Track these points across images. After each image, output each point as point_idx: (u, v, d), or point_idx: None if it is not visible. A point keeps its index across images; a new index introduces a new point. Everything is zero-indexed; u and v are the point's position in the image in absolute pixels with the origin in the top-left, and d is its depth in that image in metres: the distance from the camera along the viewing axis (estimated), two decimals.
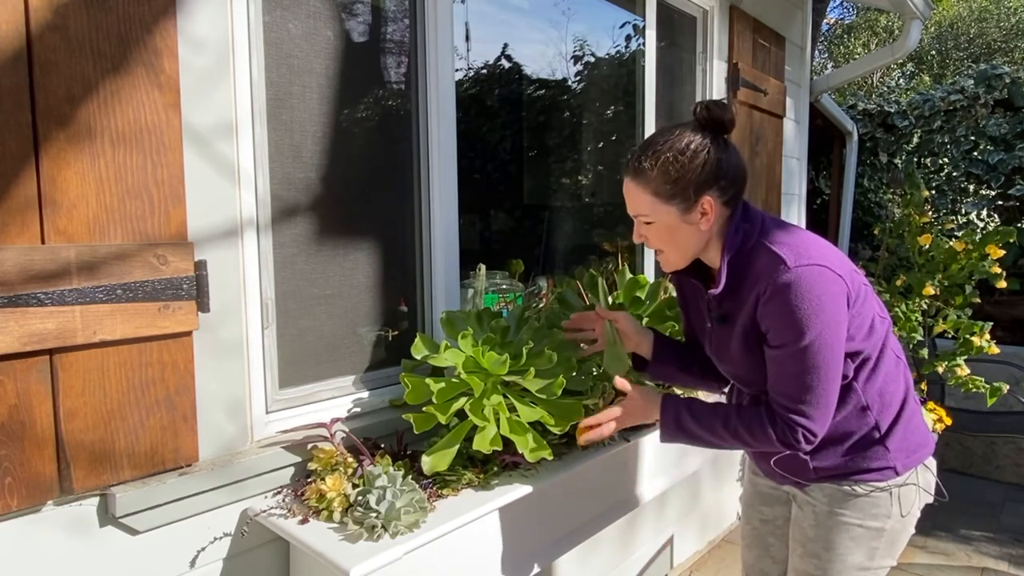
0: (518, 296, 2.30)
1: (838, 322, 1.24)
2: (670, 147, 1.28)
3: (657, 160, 1.28)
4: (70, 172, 1.18)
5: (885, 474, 1.36)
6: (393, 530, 1.33)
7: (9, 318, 1.10)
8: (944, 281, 3.33)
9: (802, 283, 1.21)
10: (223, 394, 1.44)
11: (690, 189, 1.28)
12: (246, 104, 1.50)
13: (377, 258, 1.86)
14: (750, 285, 1.28)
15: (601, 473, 1.84)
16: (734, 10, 3.15)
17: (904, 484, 1.37)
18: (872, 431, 1.35)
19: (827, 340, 1.22)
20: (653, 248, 1.40)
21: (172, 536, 1.35)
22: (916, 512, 1.41)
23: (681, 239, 1.34)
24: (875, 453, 1.35)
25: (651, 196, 1.31)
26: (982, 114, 4.75)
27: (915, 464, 1.38)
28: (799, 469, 1.41)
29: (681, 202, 1.29)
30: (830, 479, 1.39)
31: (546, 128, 3.09)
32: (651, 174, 1.29)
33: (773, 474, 1.50)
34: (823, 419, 1.27)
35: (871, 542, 1.39)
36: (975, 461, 3.94)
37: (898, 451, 1.36)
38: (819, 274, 1.22)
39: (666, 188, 1.29)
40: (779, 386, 1.29)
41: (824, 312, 1.21)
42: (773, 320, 1.25)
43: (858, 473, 1.36)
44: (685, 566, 2.90)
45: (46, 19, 1.14)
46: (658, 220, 1.32)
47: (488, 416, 1.52)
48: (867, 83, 11.14)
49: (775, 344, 1.27)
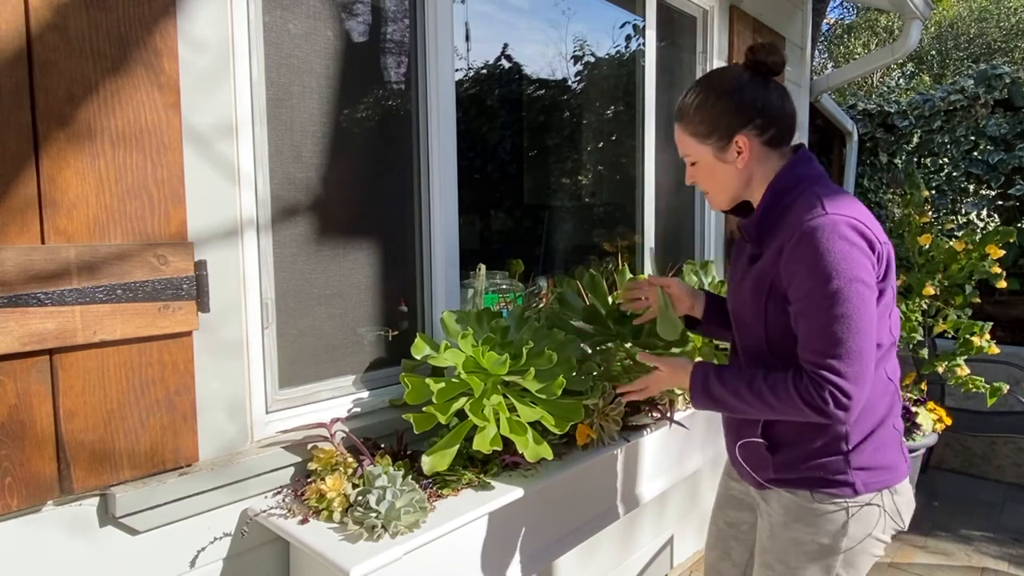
0: (518, 296, 2.30)
1: (866, 282, 1.18)
2: (705, 88, 1.34)
3: (694, 101, 1.34)
4: (70, 172, 1.18)
5: (843, 490, 1.29)
6: (393, 530, 1.33)
7: (9, 318, 1.10)
8: (944, 281, 3.33)
9: (836, 229, 1.18)
10: (223, 394, 1.44)
11: (722, 128, 1.32)
12: (246, 104, 1.50)
13: (377, 258, 1.86)
14: (786, 227, 1.26)
15: (601, 473, 1.85)
16: (734, 10, 3.15)
17: (864, 505, 1.30)
18: (839, 440, 1.29)
19: (857, 290, 1.17)
20: (701, 189, 1.43)
21: (172, 536, 1.35)
22: (882, 536, 1.33)
23: (720, 177, 1.37)
24: (835, 465, 1.29)
25: (690, 137, 1.36)
26: (982, 114, 4.75)
27: (877, 486, 1.31)
28: (759, 464, 1.38)
29: (716, 141, 1.33)
30: (787, 485, 1.35)
31: (546, 128, 3.09)
32: (689, 115, 1.35)
33: (738, 466, 1.46)
34: (857, 378, 1.17)
35: (825, 559, 1.32)
36: (975, 461, 3.94)
37: (859, 469, 1.29)
38: (855, 227, 1.19)
39: (701, 128, 1.34)
40: (808, 342, 1.22)
41: (853, 263, 1.17)
42: (799, 264, 1.20)
43: (815, 484, 1.31)
44: (685, 566, 2.90)
45: (46, 19, 1.14)
46: (699, 160, 1.37)
47: (488, 416, 1.52)
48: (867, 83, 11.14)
49: (801, 293, 1.21)
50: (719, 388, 1.33)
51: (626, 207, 2.94)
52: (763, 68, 1.33)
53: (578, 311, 2.01)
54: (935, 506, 3.53)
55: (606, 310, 1.97)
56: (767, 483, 1.38)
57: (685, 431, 2.10)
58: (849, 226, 1.19)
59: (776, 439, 1.35)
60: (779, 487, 1.37)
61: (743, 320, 1.40)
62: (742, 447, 1.41)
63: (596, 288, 2.04)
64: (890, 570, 2.88)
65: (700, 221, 3.25)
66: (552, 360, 1.59)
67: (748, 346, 1.40)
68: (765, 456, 1.36)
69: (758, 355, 1.36)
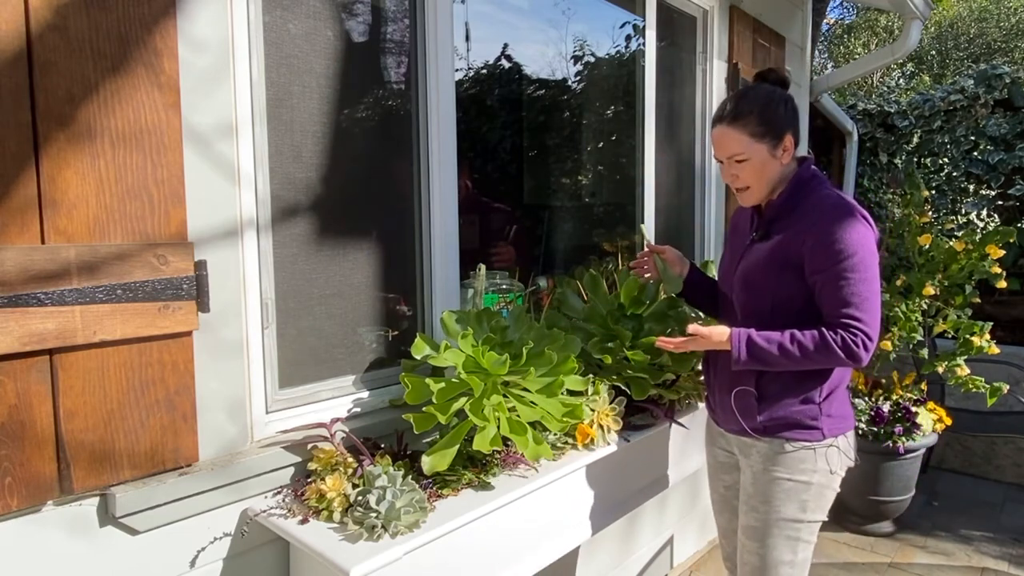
0: (518, 296, 2.30)
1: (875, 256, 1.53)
2: (761, 96, 1.61)
3: (754, 106, 1.59)
4: (70, 172, 1.18)
5: (813, 434, 1.61)
6: (393, 530, 1.33)
7: (9, 318, 1.10)
8: (944, 281, 3.33)
9: (856, 216, 1.52)
10: (223, 394, 1.44)
11: (777, 128, 1.60)
12: (246, 104, 1.50)
13: (377, 258, 1.86)
14: (803, 212, 1.58)
15: (601, 473, 1.84)
16: (734, 10, 3.15)
17: (829, 446, 1.62)
18: (814, 392, 1.61)
19: (872, 262, 1.52)
20: (740, 185, 1.66)
21: (172, 536, 1.35)
22: (840, 472, 1.65)
23: (768, 172, 1.62)
24: (810, 412, 1.61)
25: (748, 137, 1.59)
26: (982, 114, 4.74)
27: (838, 432, 1.64)
28: (748, 412, 1.65)
29: (771, 139, 1.60)
30: (768, 432, 1.63)
31: (546, 128, 3.09)
32: (749, 118, 1.59)
33: (728, 414, 1.71)
34: (875, 325, 1.51)
35: (801, 495, 1.62)
36: (975, 461, 3.94)
37: (827, 416, 1.62)
38: (866, 216, 1.54)
39: (760, 129, 1.59)
40: (838, 301, 1.51)
41: (869, 241, 1.51)
42: (823, 238, 1.51)
43: (794, 428, 1.62)
44: (685, 566, 2.90)
45: (46, 19, 1.14)
46: (753, 157, 1.60)
47: (488, 416, 1.52)
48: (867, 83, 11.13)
49: (830, 263, 1.50)
50: (761, 341, 1.56)
51: (626, 207, 2.94)
52: (783, 83, 1.67)
53: (578, 311, 2.01)
54: (935, 506, 3.53)
55: (606, 310, 1.97)
56: (751, 430, 1.66)
57: (685, 431, 2.10)
58: (862, 215, 1.54)
59: (765, 391, 1.64)
60: (761, 435, 1.65)
61: (753, 285, 1.66)
62: (737, 395, 1.68)
63: (596, 288, 2.04)
64: (890, 570, 2.88)
65: (700, 221, 3.25)
66: (552, 360, 1.59)
67: (750, 308, 1.67)
68: (753, 405, 1.65)
69: (758, 316, 1.64)
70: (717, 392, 1.77)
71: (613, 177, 3.10)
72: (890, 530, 3.22)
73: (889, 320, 3.26)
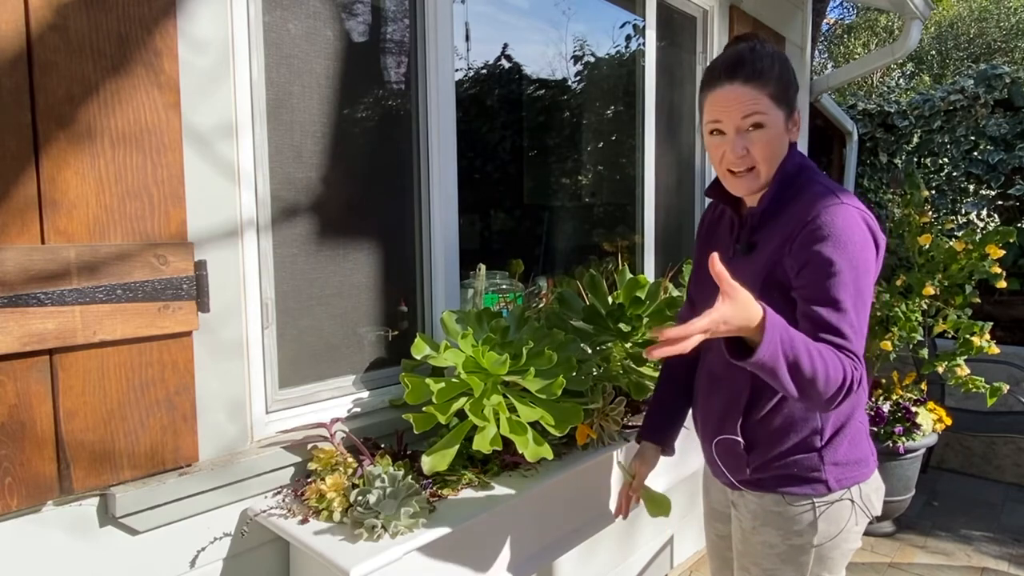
0: (518, 296, 2.30)
1: (872, 272, 1.21)
2: (778, 56, 1.28)
3: (774, 63, 1.26)
4: (70, 172, 1.18)
5: (815, 488, 1.29)
6: (393, 530, 1.33)
7: (9, 318, 1.10)
8: (944, 281, 3.32)
9: (856, 217, 1.20)
10: (223, 394, 1.44)
11: (792, 95, 1.29)
12: (246, 104, 1.50)
13: (377, 258, 1.86)
14: (794, 213, 1.24)
15: (601, 473, 1.84)
16: (734, 10, 3.15)
17: (838, 501, 1.30)
18: (814, 436, 1.28)
19: (868, 282, 1.20)
20: (747, 165, 1.28)
21: (172, 536, 1.35)
22: (855, 529, 1.33)
23: (777, 147, 1.28)
24: (808, 462, 1.29)
25: (768, 98, 1.25)
26: (982, 114, 4.74)
27: (852, 481, 1.31)
28: (734, 464, 1.36)
29: (786, 108, 1.28)
30: (758, 487, 1.34)
31: (546, 128, 3.09)
32: (770, 76, 1.25)
33: (712, 465, 1.43)
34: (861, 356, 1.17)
35: (798, 558, 1.32)
36: (975, 461, 3.94)
37: (833, 465, 1.29)
38: (867, 221, 1.22)
39: (780, 91, 1.26)
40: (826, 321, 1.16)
41: (868, 253, 1.20)
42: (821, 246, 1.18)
43: (788, 482, 1.30)
44: (685, 566, 2.90)
45: (46, 19, 1.14)
46: (771, 124, 1.26)
47: (488, 416, 1.52)
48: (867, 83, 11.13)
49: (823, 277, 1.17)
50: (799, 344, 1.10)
51: (626, 207, 2.94)
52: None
53: (578, 311, 2.01)
54: (935, 506, 3.53)
55: (606, 310, 1.97)
56: (739, 484, 1.37)
57: (685, 431, 2.09)
58: (863, 219, 1.21)
59: (753, 437, 1.32)
60: (750, 489, 1.36)
61: None
62: (718, 444, 1.37)
63: (596, 288, 2.04)
64: (890, 570, 2.88)
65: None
66: (552, 360, 1.59)
67: None
68: (740, 455, 1.34)
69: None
70: (700, 437, 1.48)
71: (613, 177, 3.10)
72: (890, 530, 3.22)
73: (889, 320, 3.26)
